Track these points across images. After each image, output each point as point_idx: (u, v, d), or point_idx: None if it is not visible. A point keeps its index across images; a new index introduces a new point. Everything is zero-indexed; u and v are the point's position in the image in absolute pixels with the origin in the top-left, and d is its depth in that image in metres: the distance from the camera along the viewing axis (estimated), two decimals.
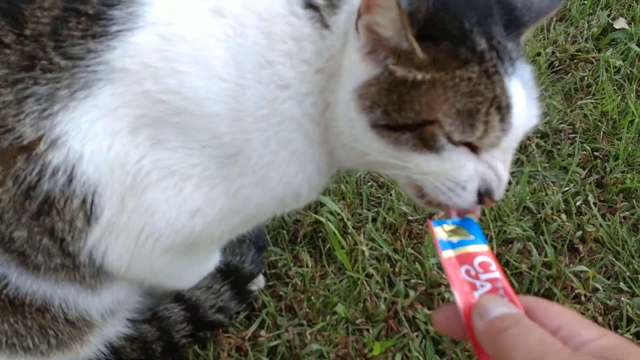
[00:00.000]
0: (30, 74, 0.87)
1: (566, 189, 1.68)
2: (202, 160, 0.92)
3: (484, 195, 0.87)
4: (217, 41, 0.88)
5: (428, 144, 0.84)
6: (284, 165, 0.94)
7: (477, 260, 0.77)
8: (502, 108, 0.83)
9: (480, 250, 0.79)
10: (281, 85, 0.89)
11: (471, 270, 0.77)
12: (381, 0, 0.81)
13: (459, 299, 0.74)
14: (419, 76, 0.83)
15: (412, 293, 1.46)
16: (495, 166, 0.86)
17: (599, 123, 1.83)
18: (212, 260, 1.24)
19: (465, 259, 0.78)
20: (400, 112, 0.84)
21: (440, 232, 0.82)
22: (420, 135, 0.84)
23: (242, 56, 0.88)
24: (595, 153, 1.78)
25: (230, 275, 1.36)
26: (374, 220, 1.59)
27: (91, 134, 0.89)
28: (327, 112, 0.92)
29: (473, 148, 0.86)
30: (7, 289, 0.99)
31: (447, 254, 0.78)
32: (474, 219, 0.87)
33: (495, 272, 0.76)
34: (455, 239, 0.81)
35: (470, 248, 0.79)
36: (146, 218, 0.95)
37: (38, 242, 0.94)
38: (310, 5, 0.89)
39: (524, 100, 0.86)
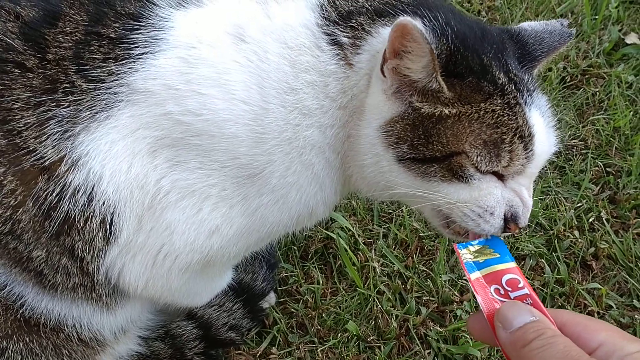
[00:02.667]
0: (52, 97, 0.89)
1: (579, 205, 1.67)
2: (221, 180, 0.93)
3: (509, 220, 0.90)
4: (238, 65, 0.90)
5: (457, 174, 0.88)
6: (305, 185, 0.96)
7: (505, 278, 0.79)
8: (525, 137, 0.87)
9: (507, 268, 0.81)
10: (305, 113, 0.92)
11: (500, 289, 0.79)
12: (413, 48, 0.84)
13: (483, 305, 0.76)
14: (446, 111, 0.87)
15: (423, 310, 1.45)
16: (520, 192, 0.91)
17: (611, 139, 1.83)
18: (225, 278, 1.24)
19: (493, 278, 0.79)
20: (427, 145, 0.88)
21: (467, 254, 0.84)
22: (449, 166, 0.88)
23: (266, 81, 0.90)
24: (607, 169, 1.77)
25: (243, 293, 1.36)
26: (385, 236, 1.59)
27: (111, 155, 0.90)
28: (347, 143, 0.95)
29: (499, 176, 0.90)
30: (23, 309, 1.00)
31: (474, 276, 0.80)
32: (498, 237, 0.89)
33: (524, 289, 0.77)
34: (481, 259, 0.83)
35: (498, 267, 0.81)
36: (164, 238, 0.96)
37: (57, 261, 0.95)
38: (336, 43, 0.92)
39: (543, 129, 0.90)
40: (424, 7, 0.92)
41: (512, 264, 0.82)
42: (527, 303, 0.75)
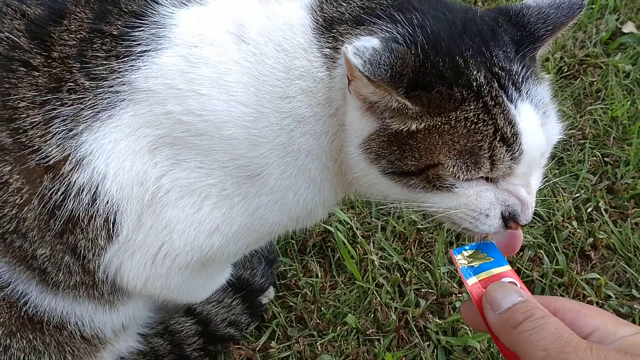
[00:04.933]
0: (57, 96, 0.88)
1: (577, 195, 1.67)
2: (221, 179, 0.93)
3: (509, 219, 0.87)
4: (238, 66, 0.89)
5: (437, 186, 0.85)
6: (302, 189, 0.95)
7: (502, 281, 0.78)
8: (508, 139, 0.82)
9: (503, 271, 0.80)
10: (299, 121, 0.90)
11: None
12: (358, 75, 0.79)
13: (471, 292, 0.76)
14: (414, 126, 0.83)
15: (422, 302, 1.45)
16: (516, 191, 0.86)
17: (608, 128, 1.82)
18: (224, 275, 1.24)
19: (490, 282, 0.79)
20: (403, 160, 0.84)
21: (461, 259, 0.84)
22: (427, 178, 0.85)
23: (262, 85, 0.89)
24: (605, 159, 1.77)
25: (242, 289, 1.36)
26: (383, 229, 1.59)
27: (115, 154, 0.90)
28: (342, 152, 0.92)
29: (488, 178, 0.86)
30: (27, 307, 1.00)
31: (471, 281, 0.79)
32: (491, 241, 0.88)
33: (526, 293, 0.76)
34: (476, 264, 0.83)
35: (493, 270, 0.81)
36: (164, 236, 0.96)
37: (60, 259, 0.95)
38: (321, 52, 0.89)
39: (536, 122, 0.85)
40: (402, 8, 0.87)
41: (507, 267, 0.82)
42: None
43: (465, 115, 0.82)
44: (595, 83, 1.94)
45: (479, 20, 0.88)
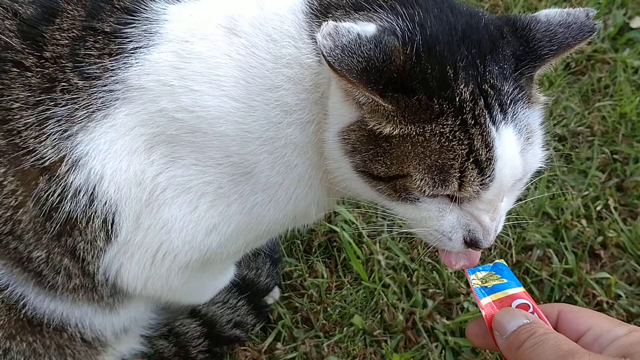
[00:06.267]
0: (51, 96, 0.87)
1: (586, 193, 1.65)
2: (217, 177, 0.92)
3: (469, 244, 0.84)
4: (230, 60, 0.87)
5: (402, 197, 0.82)
6: (292, 187, 0.93)
7: (515, 303, 0.79)
8: (481, 162, 0.78)
9: (517, 292, 0.81)
10: (286, 110, 0.87)
11: None
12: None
13: (484, 313, 0.78)
14: (388, 129, 0.79)
15: (430, 303, 1.44)
16: (479, 217, 0.83)
17: (617, 125, 1.80)
18: (228, 275, 1.23)
19: (503, 302, 0.80)
20: (374, 162, 0.81)
21: (475, 279, 0.84)
22: (394, 187, 0.82)
23: (251, 77, 0.87)
24: (614, 156, 1.74)
25: (247, 289, 1.35)
26: (390, 229, 1.57)
27: (111, 155, 0.89)
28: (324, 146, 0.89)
29: (454, 198, 0.82)
30: (26, 309, 0.99)
31: (485, 301, 0.80)
32: (503, 263, 0.87)
33: (534, 314, 0.77)
34: (489, 285, 0.82)
35: (508, 291, 0.81)
36: (162, 236, 0.94)
37: (58, 262, 0.94)
38: (312, 37, 0.85)
39: (515, 149, 0.80)
40: (405, 2, 0.83)
41: (521, 289, 0.81)
42: None
43: (441, 130, 0.78)
44: (603, 79, 1.92)
45: (482, 29, 0.83)
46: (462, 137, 0.78)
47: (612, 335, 0.70)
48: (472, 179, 0.79)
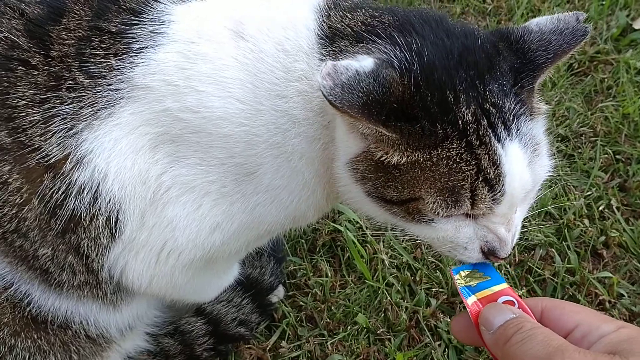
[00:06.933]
0: (57, 94, 0.88)
1: (588, 193, 1.65)
2: (221, 177, 0.93)
3: (488, 254, 0.86)
4: (236, 62, 0.88)
5: (416, 219, 0.84)
6: (296, 191, 0.94)
7: (501, 300, 0.80)
8: (490, 179, 0.80)
9: (501, 289, 0.81)
10: (294, 121, 0.89)
11: None
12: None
13: (469, 310, 0.79)
14: (395, 158, 0.81)
15: (433, 302, 1.44)
16: (495, 230, 0.84)
17: (620, 126, 1.81)
18: (232, 274, 1.24)
19: (489, 300, 0.80)
20: (386, 188, 0.83)
21: (459, 279, 0.85)
22: (407, 210, 0.83)
23: (259, 81, 0.88)
24: (617, 156, 1.75)
25: (251, 288, 1.36)
26: (393, 228, 1.57)
27: (115, 153, 0.89)
28: (333, 163, 0.90)
29: (468, 215, 0.84)
30: (31, 306, 1.01)
31: (470, 300, 0.80)
32: (486, 260, 0.88)
33: (519, 310, 0.77)
34: (473, 283, 0.83)
35: (493, 289, 0.82)
36: (167, 234, 0.95)
37: (63, 259, 0.95)
38: (322, 61, 0.86)
39: (523, 163, 0.82)
40: (403, 30, 0.85)
41: (505, 285, 0.82)
42: None
43: (448, 154, 0.79)
44: (606, 80, 1.93)
45: (478, 49, 0.84)
46: (469, 158, 0.80)
47: (601, 332, 0.70)
48: (484, 197, 0.80)
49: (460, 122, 0.79)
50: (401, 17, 0.88)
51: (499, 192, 0.81)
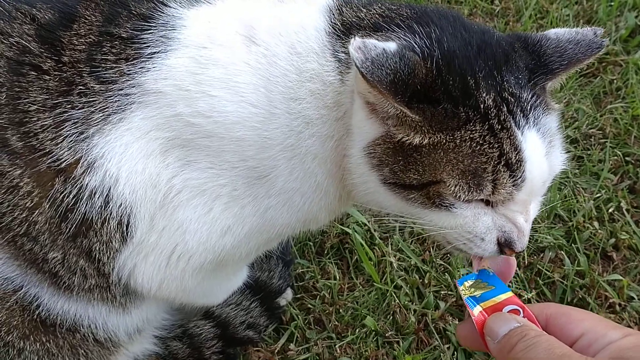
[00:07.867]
0: (68, 99, 0.89)
1: (598, 195, 1.64)
2: (231, 180, 0.93)
3: (504, 245, 0.86)
4: (248, 67, 0.89)
5: (436, 203, 0.83)
6: (309, 193, 0.94)
7: (506, 309, 0.79)
8: (512, 164, 0.81)
9: (506, 298, 0.81)
10: (307, 122, 0.89)
11: None
12: (355, 70, 0.78)
13: (475, 319, 0.78)
14: (417, 139, 0.82)
15: (442, 304, 1.44)
16: (514, 218, 0.85)
17: (629, 127, 1.80)
18: (241, 277, 1.24)
19: (494, 310, 0.80)
20: (405, 172, 0.83)
21: (463, 289, 0.84)
22: (427, 194, 0.83)
23: (274, 85, 0.88)
24: (627, 158, 1.74)
25: (259, 291, 1.36)
26: (401, 230, 1.57)
27: (126, 157, 0.90)
28: (345, 159, 0.91)
29: (488, 202, 0.84)
30: (40, 309, 1.01)
31: (476, 310, 0.80)
32: (489, 270, 0.88)
33: (525, 319, 0.77)
34: (477, 294, 0.83)
35: (497, 298, 0.81)
36: (177, 237, 0.96)
37: (74, 263, 0.95)
38: (335, 57, 0.89)
39: (541, 151, 0.84)
40: (421, 22, 0.87)
41: (510, 294, 0.82)
42: None
43: (471, 136, 0.81)
44: (615, 81, 1.92)
45: (495, 44, 0.87)
46: (492, 141, 0.81)
47: (607, 339, 0.69)
48: (505, 181, 0.81)
49: (481, 106, 0.81)
50: (418, 10, 0.91)
51: (520, 177, 0.82)
